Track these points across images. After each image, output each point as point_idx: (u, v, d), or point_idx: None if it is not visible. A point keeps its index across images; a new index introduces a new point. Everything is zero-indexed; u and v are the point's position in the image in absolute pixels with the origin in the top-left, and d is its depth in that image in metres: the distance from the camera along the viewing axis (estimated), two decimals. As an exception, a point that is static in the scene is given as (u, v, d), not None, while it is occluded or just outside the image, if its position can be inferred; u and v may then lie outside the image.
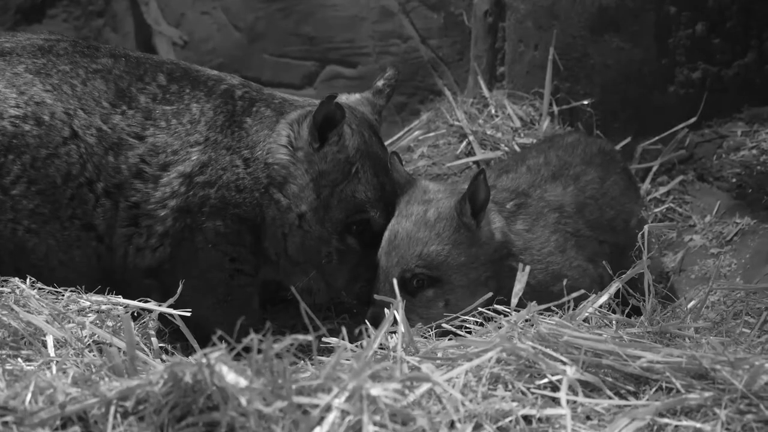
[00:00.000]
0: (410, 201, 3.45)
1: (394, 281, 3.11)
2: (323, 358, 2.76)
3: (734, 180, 4.47)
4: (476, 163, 4.72)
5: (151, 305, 3.15)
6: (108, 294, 3.23)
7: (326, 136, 3.42)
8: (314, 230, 3.43)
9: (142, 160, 3.45)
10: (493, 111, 4.98)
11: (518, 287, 3.14)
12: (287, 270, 3.49)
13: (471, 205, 3.33)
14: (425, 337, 3.12)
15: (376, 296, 3.23)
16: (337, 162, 3.43)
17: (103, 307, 3.13)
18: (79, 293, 3.20)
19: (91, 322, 3.05)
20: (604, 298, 3.17)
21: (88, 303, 3.14)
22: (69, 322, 3.04)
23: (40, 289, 3.18)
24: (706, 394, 2.46)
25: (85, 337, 3.00)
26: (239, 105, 3.57)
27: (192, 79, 3.62)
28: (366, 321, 3.06)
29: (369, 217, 3.47)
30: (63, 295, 3.18)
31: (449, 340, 2.91)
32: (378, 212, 3.47)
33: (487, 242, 3.39)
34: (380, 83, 3.78)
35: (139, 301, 3.18)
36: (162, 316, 3.17)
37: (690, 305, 3.49)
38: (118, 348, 2.82)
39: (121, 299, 3.19)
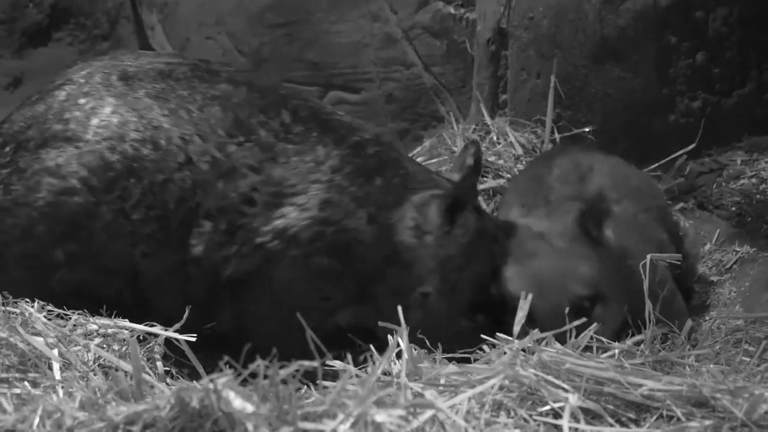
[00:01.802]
0: (523, 242, 3.43)
1: (399, 309, 3.11)
2: (328, 383, 2.78)
3: (734, 208, 4.50)
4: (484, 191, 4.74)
5: (157, 329, 3.16)
6: (115, 317, 3.23)
7: (454, 219, 3.38)
8: (440, 310, 3.37)
9: (253, 189, 3.37)
10: (495, 138, 5.02)
11: (520, 315, 3.15)
12: None
13: (593, 219, 3.41)
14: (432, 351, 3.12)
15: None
16: (461, 245, 3.38)
17: (110, 330, 3.15)
18: (86, 316, 3.22)
19: (96, 345, 3.07)
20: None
21: (95, 326, 3.16)
22: (75, 345, 3.05)
23: (49, 311, 3.19)
24: (707, 422, 2.48)
25: (90, 361, 3.01)
26: (371, 162, 3.47)
27: (320, 122, 3.50)
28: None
29: (493, 294, 3.39)
30: (70, 318, 3.20)
31: (452, 365, 2.93)
32: (495, 286, 3.41)
33: (612, 250, 3.45)
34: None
35: (146, 325, 3.19)
36: (169, 342, 3.19)
37: (688, 332, 3.51)
38: (125, 372, 2.84)
39: (127, 323, 3.19)
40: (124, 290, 3.38)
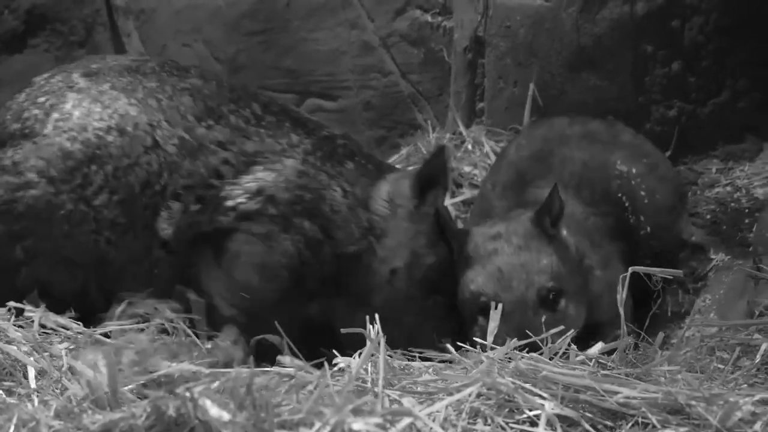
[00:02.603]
0: (479, 244, 3.44)
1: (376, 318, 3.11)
2: (305, 389, 2.77)
3: (709, 216, 4.52)
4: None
5: (135, 339, 3.15)
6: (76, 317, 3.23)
7: (425, 196, 3.44)
8: (406, 288, 3.40)
9: (224, 162, 3.40)
10: (469, 147, 5.03)
11: (492, 325, 3.16)
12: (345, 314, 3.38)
13: (549, 217, 3.41)
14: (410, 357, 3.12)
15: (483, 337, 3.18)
16: (430, 223, 3.44)
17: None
18: (59, 323, 3.19)
19: (72, 353, 3.05)
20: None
21: (71, 333, 3.15)
22: (49, 353, 3.03)
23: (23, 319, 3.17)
24: (682, 429, 2.50)
25: (62, 366, 2.99)
26: (340, 150, 3.53)
27: (291, 117, 3.57)
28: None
29: (453, 275, 3.44)
30: (44, 326, 3.18)
31: (430, 371, 2.93)
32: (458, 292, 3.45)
33: (569, 247, 3.47)
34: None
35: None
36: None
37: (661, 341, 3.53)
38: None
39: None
40: (89, 284, 3.37)
